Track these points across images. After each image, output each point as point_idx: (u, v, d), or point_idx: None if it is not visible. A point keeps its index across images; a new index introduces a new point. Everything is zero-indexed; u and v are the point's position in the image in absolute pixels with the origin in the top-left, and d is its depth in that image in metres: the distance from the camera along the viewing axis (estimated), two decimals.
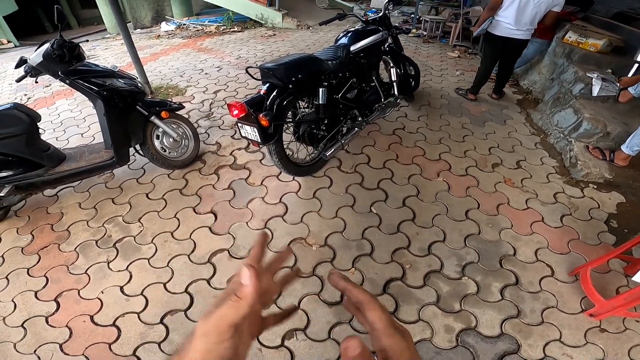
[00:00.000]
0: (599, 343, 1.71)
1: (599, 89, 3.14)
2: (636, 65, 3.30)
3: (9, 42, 9.43)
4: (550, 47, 4.21)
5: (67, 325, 1.82)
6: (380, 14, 3.13)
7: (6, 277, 2.09)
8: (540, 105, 3.83)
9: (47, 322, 1.84)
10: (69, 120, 3.77)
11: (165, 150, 2.70)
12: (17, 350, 1.73)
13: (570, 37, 3.85)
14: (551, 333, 1.75)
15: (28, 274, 2.10)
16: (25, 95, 4.64)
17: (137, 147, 2.62)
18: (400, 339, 0.38)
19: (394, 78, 3.11)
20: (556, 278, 2.01)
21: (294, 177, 2.70)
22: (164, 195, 2.60)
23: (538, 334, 1.75)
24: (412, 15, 7.51)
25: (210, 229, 2.32)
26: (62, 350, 1.72)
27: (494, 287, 1.96)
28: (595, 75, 3.23)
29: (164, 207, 2.50)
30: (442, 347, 1.69)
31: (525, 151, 3.11)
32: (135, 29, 9.00)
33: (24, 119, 2.17)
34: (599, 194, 2.63)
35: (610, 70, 3.44)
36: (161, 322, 1.82)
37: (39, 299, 1.96)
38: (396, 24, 4.28)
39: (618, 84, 3.14)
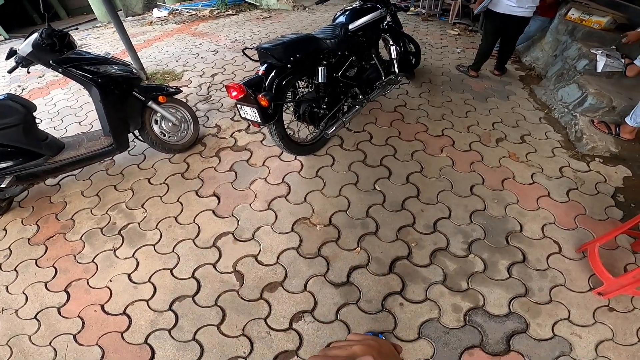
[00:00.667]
0: (608, 322, 1.70)
1: (604, 64, 3.08)
2: None
3: None
4: (553, 25, 4.12)
5: (79, 316, 1.83)
6: None
7: (15, 269, 2.09)
8: (544, 81, 3.77)
9: (59, 313, 1.85)
10: (66, 109, 3.72)
11: (164, 135, 2.67)
12: (33, 343, 1.74)
13: (573, 14, 3.78)
14: (560, 312, 1.74)
15: (36, 264, 2.10)
16: (19, 86, 4.58)
17: (137, 132, 2.59)
18: None
19: (394, 56, 3.05)
20: (564, 255, 1.99)
21: (295, 157, 2.67)
22: (165, 179, 2.59)
23: (546, 313, 1.73)
24: None
25: (213, 212, 2.31)
26: (76, 341, 1.73)
27: (501, 264, 1.94)
28: (600, 51, 3.17)
29: (166, 192, 2.48)
30: (450, 326, 1.69)
31: (530, 126, 3.07)
32: (127, 17, 8.82)
33: (19, 109, 2.15)
34: (605, 167, 2.59)
35: (614, 47, 3.37)
36: (170, 308, 1.82)
37: (49, 290, 1.96)
38: (394, 2, 4.19)
39: (623, 60, 3.08)
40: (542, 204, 2.29)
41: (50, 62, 2.13)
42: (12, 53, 2.18)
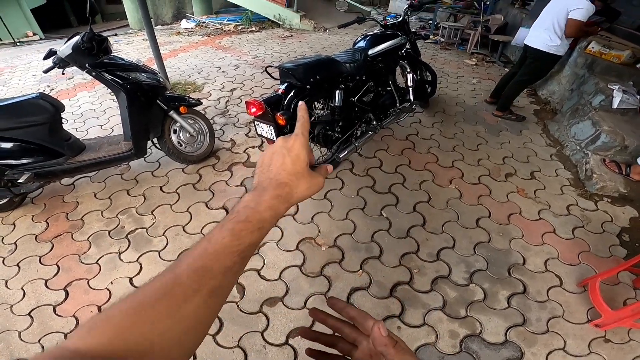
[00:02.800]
0: (603, 353, 1.71)
1: (620, 100, 3.08)
2: None
3: (34, 34, 9.69)
4: (572, 58, 4.12)
5: (74, 315, 1.84)
6: (400, 19, 3.13)
7: (17, 265, 2.12)
8: (558, 116, 3.77)
9: (54, 311, 1.86)
10: (89, 112, 3.86)
11: (181, 145, 2.75)
12: (21, 339, 1.74)
13: (593, 47, 3.77)
14: (555, 342, 1.75)
15: (40, 262, 2.13)
16: (49, 86, 4.76)
17: (155, 140, 2.67)
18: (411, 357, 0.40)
19: (410, 83, 3.10)
20: (564, 288, 2.00)
21: None
22: (177, 189, 2.65)
23: (542, 343, 1.75)
24: (430, 22, 7.48)
25: None
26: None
27: (501, 294, 1.96)
28: (617, 87, 3.17)
29: (177, 201, 2.54)
30: (446, 352, 1.70)
31: (540, 162, 3.08)
32: (156, 25, 9.17)
33: (48, 109, 2.23)
34: (613, 207, 2.59)
35: (631, 83, 3.37)
36: None
37: (48, 288, 1.98)
38: (414, 30, 4.28)
39: (639, 97, 3.07)
40: (547, 239, 2.30)
41: (87, 65, 2.21)
42: (51, 53, 2.26)
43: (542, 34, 3.28)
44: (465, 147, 3.22)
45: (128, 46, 6.82)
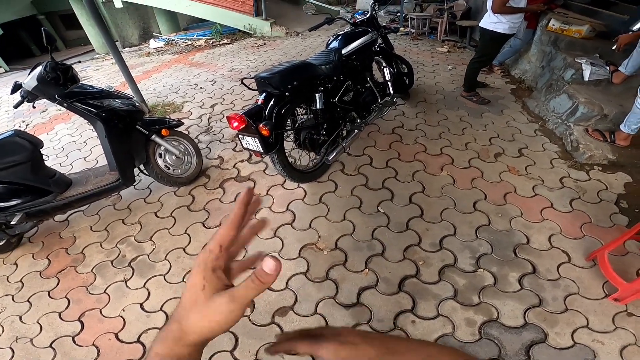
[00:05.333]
0: (629, 327, 1.69)
1: (590, 73, 3.15)
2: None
3: None
4: (536, 36, 4.22)
5: (94, 344, 1.85)
6: (368, 15, 3.15)
7: (28, 300, 2.12)
8: (535, 93, 3.85)
9: (74, 341, 1.88)
10: (70, 144, 3.78)
11: (169, 168, 2.71)
12: None
13: (553, 25, 3.86)
14: (577, 320, 1.73)
15: (49, 296, 2.13)
16: (24, 121, 4.66)
17: (142, 167, 2.62)
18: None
19: (387, 77, 3.13)
20: (574, 264, 2.00)
21: (298, 185, 2.71)
22: (172, 212, 2.62)
23: (564, 322, 1.73)
24: (399, 14, 7.56)
25: None
26: None
27: (511, 277, 1.96)
28: (584, 60, 3.25)
29: (173, 224, 2.51)
30: (466, 340, 1.69)
31: (526, 139, 3.13)
32: (124, 48, 9.05)
33: (26, 146, 2.17)
34: (605, 175, 2.64)
35: (597, 55, 3.46)
36: None
37: (63, 320, 1.99)
38: (384, 24, 4.31)
39: (608, 67, 3.15)
40: (546, 215, 2.32)
41: (56, 96, 2.14)
42: (17, 87, 2.18)
43: (488, 14, 3.35)
44: (451, 132, 3.26)
45: (98, 72, 6.70)
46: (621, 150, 2.74)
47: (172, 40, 8.28)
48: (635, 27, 2.89)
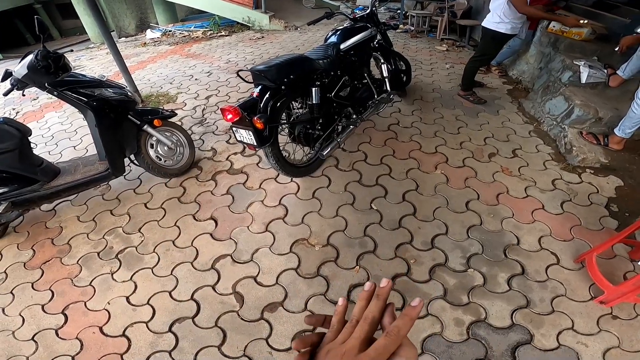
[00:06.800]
0: (613, 330, 1.71)
1: (587, 76, 3.15)
2: None
3: None
4: (536, 37, 4.22)
5: (77, 337, 1.82)
6: (368, 11, 3.12)
7: (11, 292, 2.08)
8: (531, 94, 3.86)
9: (57, 334, 1.84)
10: (60, 133, 3.72)
11: (160, 159, 2.67)
12: None
13: (554, 26, 3.86)
14: (563, 322, 1.75)
15: (33, 288, 2.09)
16: (14, 109, 4.57)
17: (132, 157, 2.58)
18: None
19: (385, 74, 3.11)
20: (562, 266, 2.02)
21: (292, 179, 2.69)
22: (162, 204, 2.58)
23: (550, 323, 1.75)
24: (399, 11, 7.53)
25: (211, 235, 2.30)
26: None
27: (500, 277, 1.96)
28: (582, 62, 3.24)
29: (163, 216, 2.48)
30: (454, 340, 1.69)
31: (520, 140, 3.13)
32: (120, 38, 8.92)
33: (14, 134, 2.13)
34: (597, 178, 2.65)
35: (596, 58, 3.46)
36: (170, 330, 1.81)
37: (46, 312, 1.95)
38: (384, 20, 4.29)
39: (605, 70, 3.15)
40: (537, 216, 2.33)
41: (46, 84, 2.11)
42: (7, 75, 2.15)
43: (491, 14, 3.33)
44: (447, 131, 3.25)
45: (92, 61, 6.59)
46: (614, 154, 2.75)
47: (169, 31, 8.17)
48: None
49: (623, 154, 2.76)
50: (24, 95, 2.29)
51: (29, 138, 2.26)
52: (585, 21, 3.55)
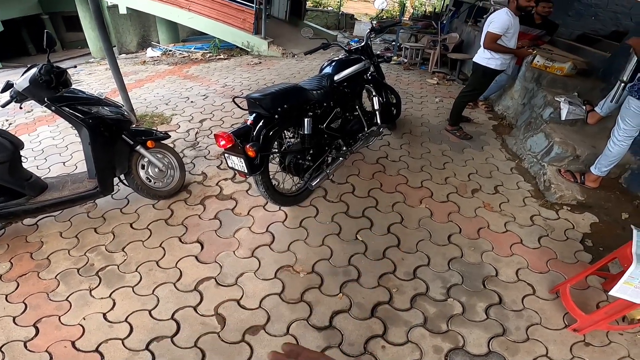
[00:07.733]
0: (585, 356, 1.78)
1: (567, 112, 3.28)
2: (621, 84, 2.80)
3: None
4: (521, 72, 4.34)
5: (47, 350, 1.77)
6: (363, 44, 3.22)
7: None
8: (514, 131, 3.99)
9: (25, 346, 1.79)
10: (51, 147, 3.72)
11: (150, 181, 2.66)
12: None
13: (538, 61, 3.97)
14: (537, 349, 1.81)
15: (6, 300, 2.04)
16: (7, 120, 4.55)
17: (122, 177, 2.58)
18: None
19: (376, 107, 3.15)
20: (538, 296, 2.10)
21: (280, 207, 2.71)
22: (148, 225, 2.58)
23: (525, 351, 1.80)
24: (394, 43, 7.82)
25: (196, 257, 2.31)
26: None
27: (478, 307, 2.02)
28: (563, 99, 3.36)
29: (148, 237, 2.47)
30: None
31: (502, 176, 3.25)
32: (120, 54, 9.06)
33: (7, 147, 2.13)
34: (573, 215, 2.75)
35: (576, 93, 3.59)
36: (147, 348, 1.78)
37: (17, 324, 1.90)
38: (378, 52, 4.45)
39: (584, 107, 3.27)
40: (515, 250, 2.42)
41: (45, 99, 2.12)
42: (8, 86, 2.17)
43: (482, 50, 3.49)
44: (433, 166, 3.35)
45: (90, 76, 6.65)
46: (590, 192, 2.87)
47: (170, 50, 8.33)
48: None
49: (599, 191, 2.88)
50: (21, 108, 2.29)
51: (21, 152, 2.26)
52: (534, 50, 3.82)
